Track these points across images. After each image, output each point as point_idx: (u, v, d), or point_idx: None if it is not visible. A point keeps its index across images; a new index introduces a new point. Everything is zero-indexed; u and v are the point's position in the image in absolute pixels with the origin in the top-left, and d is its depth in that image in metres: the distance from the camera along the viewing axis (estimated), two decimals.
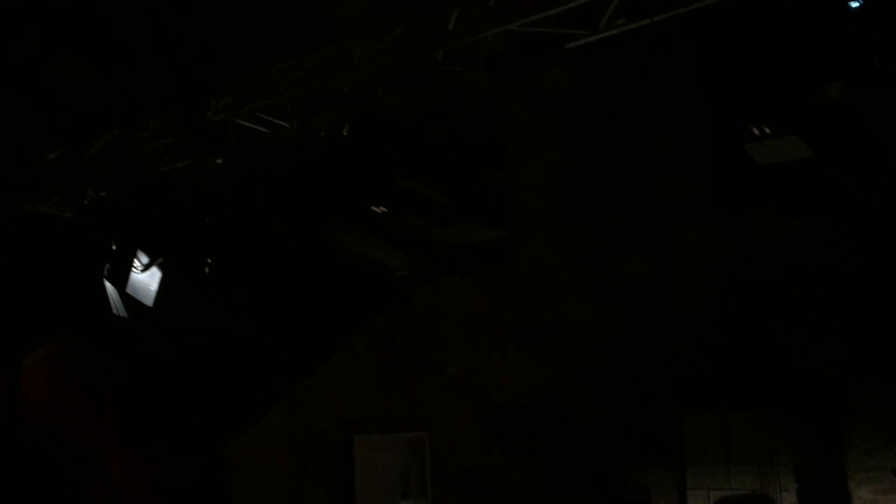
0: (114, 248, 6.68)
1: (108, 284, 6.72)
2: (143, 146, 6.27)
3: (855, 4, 4.37)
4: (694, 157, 9.49)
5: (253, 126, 5.92)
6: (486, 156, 7.36)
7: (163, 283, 6.62)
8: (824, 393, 10.22)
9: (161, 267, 6.65)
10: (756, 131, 4.68)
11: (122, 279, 6.63)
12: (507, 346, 9.27)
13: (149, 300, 6.74)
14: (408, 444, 8.86)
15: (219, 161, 6.05)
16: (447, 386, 9.05)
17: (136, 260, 6.64)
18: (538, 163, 8.75)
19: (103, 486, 6.78)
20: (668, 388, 10.01)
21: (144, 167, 6.30)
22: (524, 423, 9.28)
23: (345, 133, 5.83)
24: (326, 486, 8.25)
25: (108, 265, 6.67)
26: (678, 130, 8.70)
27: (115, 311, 6.71)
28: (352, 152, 5.79)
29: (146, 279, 6.71)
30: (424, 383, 8.93)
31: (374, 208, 5.83)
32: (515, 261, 8.95)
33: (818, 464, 10.26)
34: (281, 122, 5.83)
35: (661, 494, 10.11)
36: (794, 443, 10.10)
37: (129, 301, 6.74)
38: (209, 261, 6.40)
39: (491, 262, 8.80)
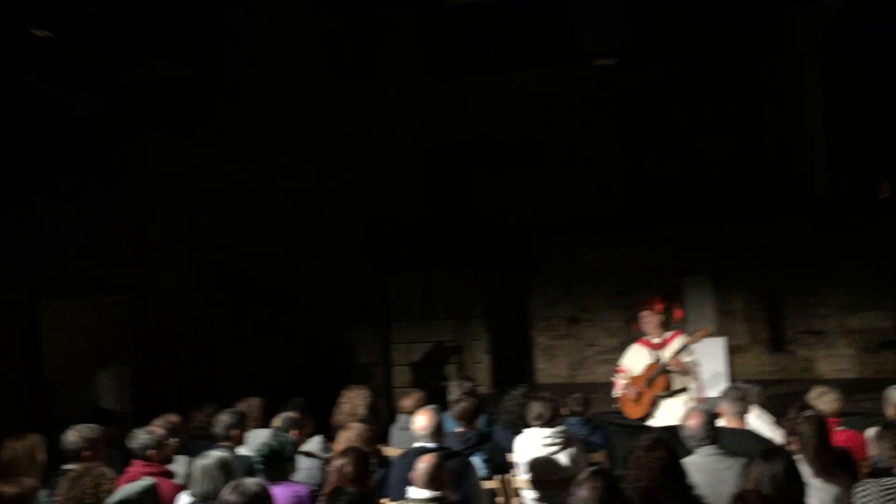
0: None
1: None
2: None
3: None
4: (409, 24, 9.61)
5: None
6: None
7: None
8: (514, 251, 11.18)
9: None
10: None
11: None
12: (214, 206, 8.95)
13: None
14: (104, 309, 8.34)
15: None
16: (148, 247, 8.57)
17: None
18: (244, 16, 8.31)
19: None
20: (375, 248, 10.36)
21: None
22: (230, 284, 9.12)
23: None
24: (9, 358, 7.55)
25: None
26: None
27: None
28: None
29: None
30: (122, 245, 8.36)
31: (35, 32, 5.05)
32: (222, 118, 8.58)
33: (507, 314, 11.30)
34: None
35: (366, 349, 10.59)
36: (486, 297, 11.00)
37: None
38: None
39: (196, 117, 8.34)
